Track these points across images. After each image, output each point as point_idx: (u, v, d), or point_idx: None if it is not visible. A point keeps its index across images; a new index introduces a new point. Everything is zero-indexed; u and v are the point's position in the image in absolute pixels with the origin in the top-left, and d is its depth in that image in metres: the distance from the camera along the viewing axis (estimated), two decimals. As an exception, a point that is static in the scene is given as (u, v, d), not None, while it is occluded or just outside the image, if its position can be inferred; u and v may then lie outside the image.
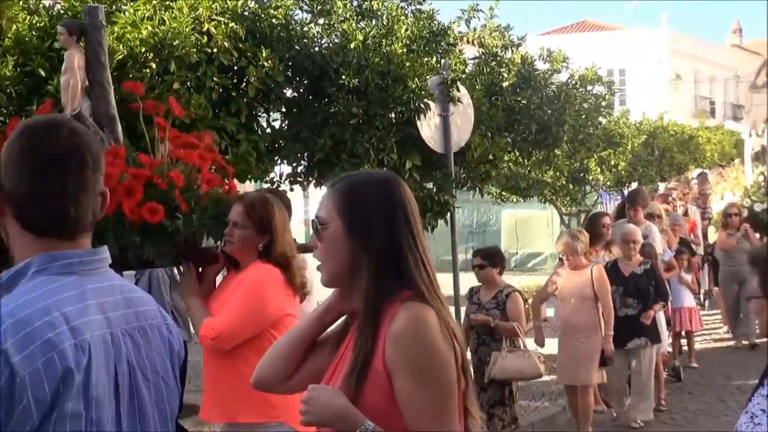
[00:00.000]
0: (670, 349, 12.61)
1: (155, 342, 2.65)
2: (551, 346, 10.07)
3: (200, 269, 5.16)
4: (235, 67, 7.87)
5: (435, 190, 9.61)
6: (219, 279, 5.40)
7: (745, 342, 14.16)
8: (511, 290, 9.09)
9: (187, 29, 7.35)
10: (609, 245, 10.85)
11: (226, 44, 7.55)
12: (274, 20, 8.18)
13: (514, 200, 16.54)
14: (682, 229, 15.21)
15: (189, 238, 4.65)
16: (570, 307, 9.64)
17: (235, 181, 8.46)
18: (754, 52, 72.65)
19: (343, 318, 3.12)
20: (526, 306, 9.78)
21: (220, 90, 7.66)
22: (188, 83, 7.41)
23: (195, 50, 7.36)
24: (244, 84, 7.92)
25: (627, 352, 10.17)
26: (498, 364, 8.65)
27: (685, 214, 16.15)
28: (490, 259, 9.21)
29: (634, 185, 22.02)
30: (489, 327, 8.90)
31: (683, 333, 13.28)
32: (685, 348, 13.45)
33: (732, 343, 14.56)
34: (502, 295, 9.00)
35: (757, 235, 15.42)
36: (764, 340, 13.34)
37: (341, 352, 2.99)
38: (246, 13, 7.99)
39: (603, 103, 13.45)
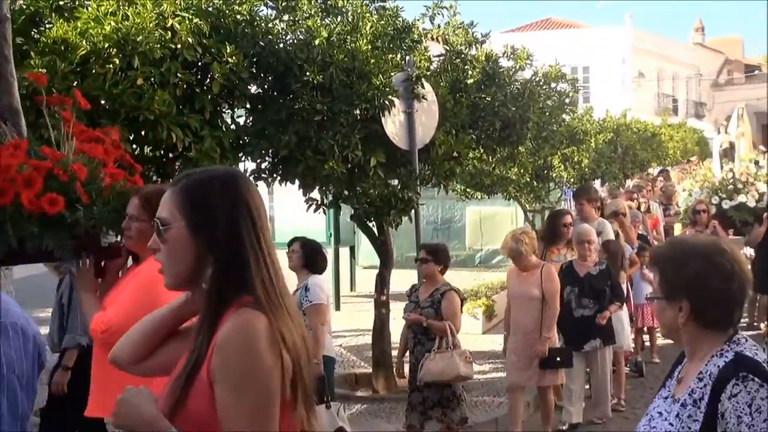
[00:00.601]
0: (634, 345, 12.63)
1: (15, 342, 2.60)
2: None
3: (103, 263, 5.10)
4: (199, 63, 7.84)
5: (399, 187, 9.63)
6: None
7: None
8: (448, 289, 8.82)
9: (151, 25, 7.33)
10: (571, 243, 10.76)
11: (190, 40, 7.51)
12: (238, 16, 8.14)
13: (479, 197, 16.57)
14: (646, 225, 15.32)
15: (89, 230, 4.57)
16: (519, 308, 9.48)
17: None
18: (716, 50, 73.34)
19: None
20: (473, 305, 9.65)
21: (184, 86, 7.61)
22: (152, 79, 7.36)
23: (159, 46, 7.33)
24: (208, 80, 7.89)
25: (584, 354, 10.11)
26: (425, 367, 8.52)
27: (648, 210, 16.24)
28: (435, 254, 8.95)
29: (598, 182, 22.24)
30: (423, 326, 8.75)
31: (645, 329, 13.29)
32: (648, 344, 13.52)
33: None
34: (438, 294, 8.77)
35: (734, 234, 15.51)
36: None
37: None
38: (210, 9, 7.96)
39: (567, 101, 13.52)
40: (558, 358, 9.35)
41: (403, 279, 17.40)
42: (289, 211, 16.75)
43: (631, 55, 56.68)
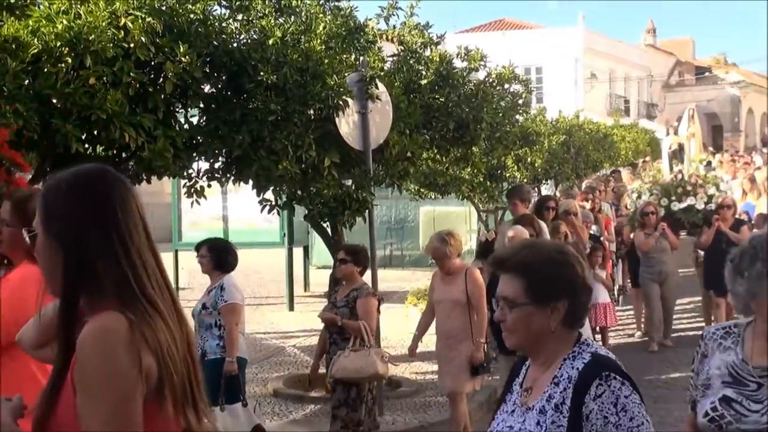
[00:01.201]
0: None
1: None
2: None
3: None
4: (153, 63, 7.80)
5: (353, 187, 9.63)
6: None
7: (654, 350, 13.88)
8: (365, 290, 8.80)
9: (104, 24, 7.27)
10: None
11: (143, 39, 7.46)
12: (192, 15, 8.10)
13: (433, 197, 16.62)
14: (600, 225, 15.40)
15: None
16: (442, 313, 9.23)
17: (153, 178, 8.46)
18: (668, 52, 74.06)
19: None
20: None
21: (137, 85, 7.56)
22: (104, 78, 7.31)
23: (111, 45, 7.28)
24: (161, 79, 7.85)
25: (516, 358, 9.92)
26: (338, 363, 8.47)
27: (599, 211, 16.33)
28: (354, 255, 8.88)
29: (551, 182, 22.40)
30: (339, 326, 8.71)
31: (598, 329, 13.35)
32: (599, 344, 13.55)
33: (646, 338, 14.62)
34: (354, 294, 8.73)
35: (685, 235, 15.64)
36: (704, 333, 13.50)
37: None
38: (163, 8, 7.90)
39: (520, 102, 13.60)
40: (483, 364, 9.10)
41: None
42: (242, 211, 16.72)
43: (584, 56, 57.12)
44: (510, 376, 3.69)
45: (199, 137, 8.57)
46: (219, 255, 9.04)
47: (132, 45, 7.46)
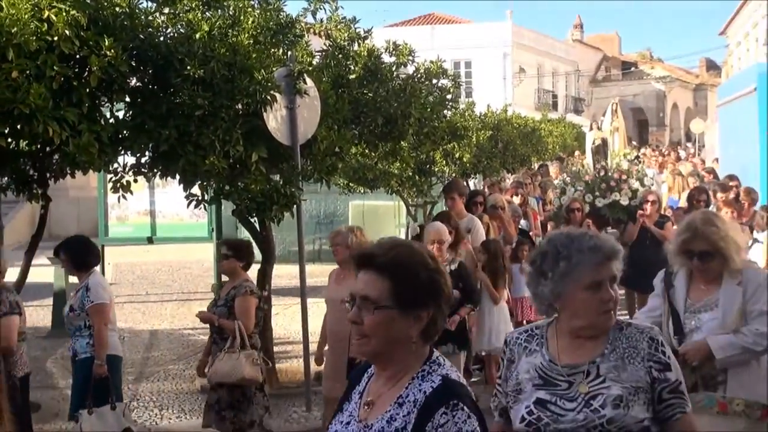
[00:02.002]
0: None
1: None
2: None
3: None
4: (77, 56, 7.71)
5: (281, 182, 9.59)
6: None
7: None
8: (244, 288, 8.49)
9: (26, 16, 7.16)
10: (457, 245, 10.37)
11: (67, 32, 7.37)
12: (117, 8, 8.04)
13: (362, 191, 16.62)
14: (529, 219, 15.49)
15: None
16: (332, 313, 8.83)
17: (78, 173, 8.35)
18: (595, 47, 74.94)
19: None
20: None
21: (61, 79, 7.47)
22: (27, 72, 7.21)
23: (35, 38, 7.18)
24: (86, 73, 7.75)
25: None
26: (213, 366, 8.36)
27: (526, 205, 16.40)
28: (236, 250, 8.63)
29: (479, 176, 22.52)
30: (218, 326, 8.52)
31: (525, 322, 13.37)
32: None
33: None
34: (233, 292, 8.49)
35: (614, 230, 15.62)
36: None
37: None
38: (88, 1, 7.81)
39: (448, 97, 13.63)
40: None
41: (287, 273, 17.40)
42: (170, 206, 16.57)
43: (513, 50, 57.55)
44: (350, 383, 3.46)
45: (124, 132, 8.49)
46: (75, 255, 8.75)
47: (56, 38, 7.37)
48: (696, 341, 5.56)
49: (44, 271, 14.82)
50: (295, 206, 9.79)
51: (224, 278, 8.97)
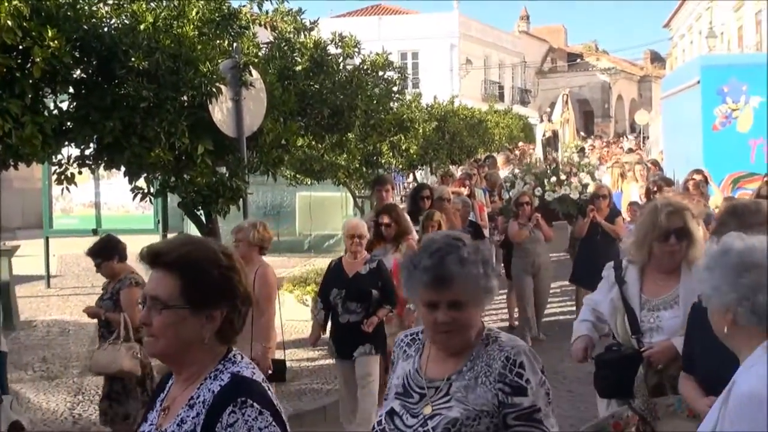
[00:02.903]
0: None
1: None
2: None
3: None
4: (20, 47, 7.60)
5: (227, 175, 9.56)
6: None
7: (528, 343, 13.36)
8: (128, 280, 8.45)
9: (-33, 7, 7.07)
10: (401, 238, 10.23)
11: (9, 23, 7.27)
12: (60, -1, 7.95)
13: (309, 182, 16.62)
14: (475, 211, 15.49)
15: None
16: None
17: (21, 165, 8.27)
18: (541, 38, 75.43)
19: None
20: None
21: (4, 70, 7.38)
22: (-31, 63, 7.13)
23: (-24, 29, 7.09)
24: (29, 64, 7.66)
25: (353, 363, 9.12)
26: (94, 357, 8.34)
27: (473, 196, 16.46)
28: (101, 253, 8.60)
29: (426, 168, 22.58)
30: (105, 320, 8.52)
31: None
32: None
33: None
34: (118, 285, 8.51)
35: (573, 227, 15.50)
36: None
37: None
38: (31, -9, 7.73)
39: (394, 89, 13.65)
40: (270, 372, 8.50)
41: (232, 265, 17.34)
42: (116, 197, 16.47)
43: (459, 42, 57.74)
44: (156, 390, 3.34)
45: (68, 123, 8.40)
46: None
47: (-3, 29, 7.27)
48: (661, 342, 5.45)
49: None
50: (241, 199, 9.78)
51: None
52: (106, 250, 8.63)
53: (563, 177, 14.78)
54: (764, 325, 3.29)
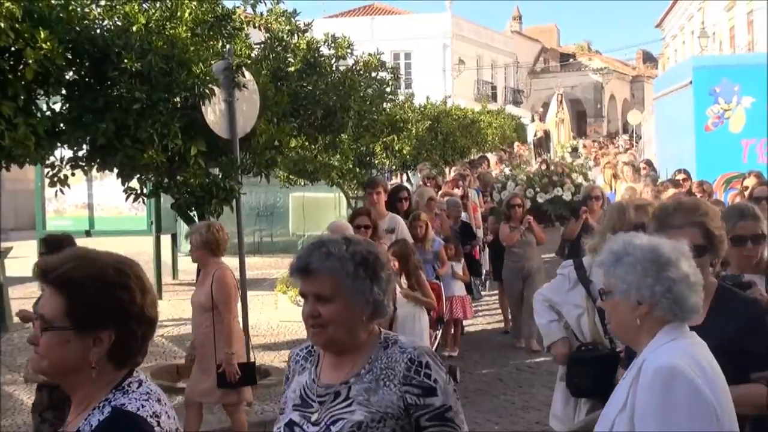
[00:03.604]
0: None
1: None
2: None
3: None
4: (12, 49, 7.61)
5: (220, 176, 9.56)
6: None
7: (521, 345, 13.10)
8: None
9: (-41, 9, 7.07)
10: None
11: (1, 25, 7.30)
12: (53, 1, 7.95)
13: (302, 183, 16.63)
14: (468, 212, 15.40)
15: None
16: (193, 318, 8.52)
17: (14, 166, 8.26)
18: (533, 39, 75.50)
19: None
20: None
21: (-4, 72, 7.40)
22: (-39, 65, 7.12)
23: (-32, 31, 7.09)
24: (21, 66, 7.67)
25: None
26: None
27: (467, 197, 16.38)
28: (49, 250, 7.97)
29: (420, 167, 22.58)
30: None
31: (453, 323, 12.65)
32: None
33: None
34: None
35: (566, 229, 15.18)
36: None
37: None
38: (23, -7, 7.73)
39: (387, 90, 13.65)
40: (239, 375, 8.24)
41: (228, 265, 17.32)
42: (109, 198, 16.46)
43: (452, 42, 57.79)
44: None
45: (61, 125, 8.41)
46: None
47: (-10, 31, 7.27)
48: None
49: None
50: (234, 200, 9.78)
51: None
52: (52, 249, 7.99)
53: (555, 178, 14.47)
54: (681, 315, 3.53)
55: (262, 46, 11.20)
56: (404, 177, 20.74)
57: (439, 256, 11.46)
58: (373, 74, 13.12)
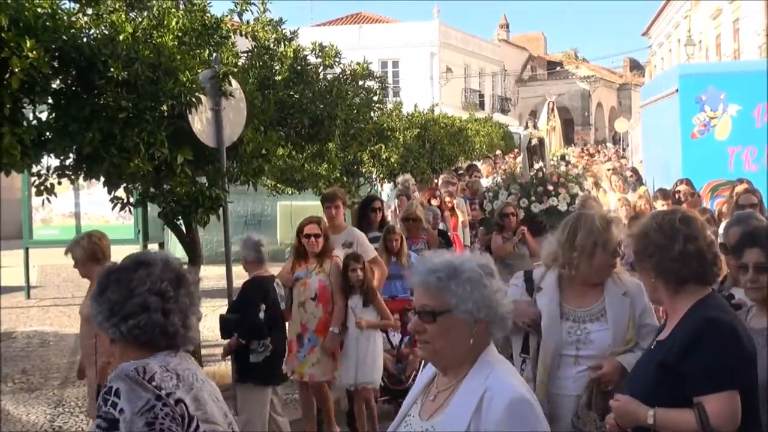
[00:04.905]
0: None
1: None
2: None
3: None
4: (-2, 58, 7.59)
5: (207, 184, 9.55)
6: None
7: None
8: None
9: (-55, 18, 7.05)
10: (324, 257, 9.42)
11: (-13, 33, 7.27)
12: (39, 9, 7.91)
13: (290, 192, 16.61)
14: (446, 222, 15.32)
15: None
16: (80, 329, 8.36)
17: (1, 175, 8.23)
18: (520, 47, 75.65)
19: None
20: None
21: (-18, 81, 7.37)
22: (-54, 74, 7.10)
23: (-47, 40, 7.07)
24: (7, 75, 7.63)
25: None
26: None
27: (456, 207, 16.27)
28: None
29: (407, 176, 22.56)
30: None
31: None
32: None
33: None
34: None
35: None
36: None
37: None
38: (9, 1, 7.69)
39: (374, 98, 13.65)
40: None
41: (214, 275, 17.29)
42: (96, 207, 16.43)
43: (440, 50, 57.91)
44: None
45: (48, 134, 8.38)
46: None
47: (-25, 40, 7.25)
48: (608, 362, 5.18)
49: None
50: (221, 208, 9.76)
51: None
52: None
53: (550, 187, 13.99)
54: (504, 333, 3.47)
55: (249, 54, 11.20)
56: (391, 186, 20.68)
57: None
58: (361, 83, 13.11)
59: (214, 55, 9.73)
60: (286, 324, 9.34)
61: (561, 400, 5.30)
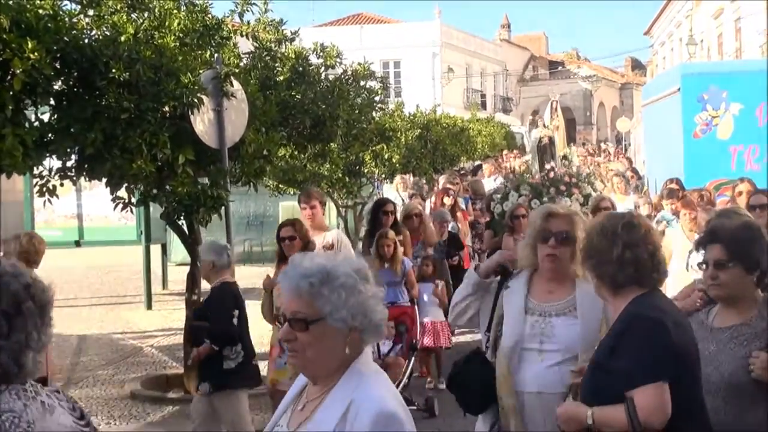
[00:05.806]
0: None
1: None
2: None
3: None
4: (0, 59, 7.60)
5: (209, 184, 9.55)
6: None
7: None
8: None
9: (-53, 19, 7.06)
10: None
11: (-11, 35, 7.28)
12: (40, 11, 7.93)
13: (292, 192, 16.61)
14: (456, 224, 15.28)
15: None
16: None
17: (2, 177, 8.24)
18: (522, 47, 75.67)
19: None
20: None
21: (-17, 83, 7.38)
22: (-52, 76, 7.11)
23: (-45, 41, 7.07)
24: (9, 76, 7.65)
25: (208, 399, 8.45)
26: None
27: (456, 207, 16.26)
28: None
29: (410, 176, 22.57)
30: None
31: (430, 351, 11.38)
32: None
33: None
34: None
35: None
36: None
37: None
38: (11, 3, 7.71)
39: (376, 99, 13.65)
40: None
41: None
42: (98, 208, 16.42)
43: (441, 50, 57.94)
44: None
45: (50, 135, 8.39)
46: None
47: (-23, 41, 7.26)
48: (582, 366, 4.75)
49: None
50: (223, 208, 9.77)
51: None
52: None
53: (563, 188, 13.81)
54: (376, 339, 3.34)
55: (251, 55, 11.20)
56: (390, 186, 20.66)
57: (408, 279, 10.47)
58: (362, 83, 13.12)
59: (216, 55, 9.74)
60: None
61: (524, 398, 5.11)
